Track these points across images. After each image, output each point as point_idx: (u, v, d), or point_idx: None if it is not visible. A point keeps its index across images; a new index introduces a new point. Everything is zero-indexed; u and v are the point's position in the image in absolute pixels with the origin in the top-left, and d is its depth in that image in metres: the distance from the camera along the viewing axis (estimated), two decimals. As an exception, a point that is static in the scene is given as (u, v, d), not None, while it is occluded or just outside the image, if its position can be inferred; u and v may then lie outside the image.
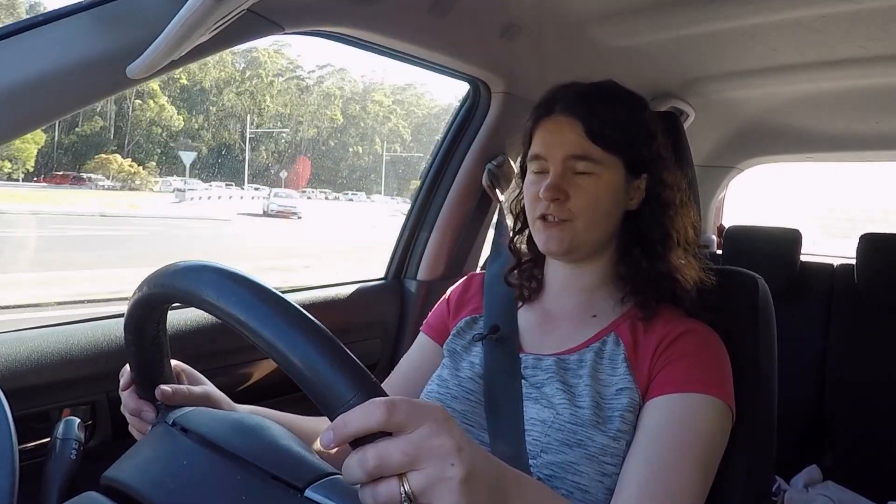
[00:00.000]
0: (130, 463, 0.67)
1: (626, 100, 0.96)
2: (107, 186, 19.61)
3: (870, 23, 1.34)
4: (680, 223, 0.96)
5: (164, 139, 22.14)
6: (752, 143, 2.50)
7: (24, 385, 0.98)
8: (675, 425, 0.81)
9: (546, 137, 0.95)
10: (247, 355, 1.31)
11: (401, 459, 0.47)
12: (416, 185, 1.80)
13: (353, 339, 1.56)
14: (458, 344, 1.03)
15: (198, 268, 0.61)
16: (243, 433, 0.67)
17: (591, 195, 0.91)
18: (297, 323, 0.53)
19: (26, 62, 0.76)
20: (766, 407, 0.94)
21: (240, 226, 16.58)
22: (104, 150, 20.06)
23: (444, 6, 1.21)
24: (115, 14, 0.81)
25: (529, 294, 1.03)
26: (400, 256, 1.73)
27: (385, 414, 0.47)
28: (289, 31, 1.04)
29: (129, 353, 0.76)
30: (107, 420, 1.08)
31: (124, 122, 21.40)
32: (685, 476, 0.77)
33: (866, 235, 1.99)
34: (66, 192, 18.11)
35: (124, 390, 0.83)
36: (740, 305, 0.98)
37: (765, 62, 1.67)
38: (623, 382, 0.86)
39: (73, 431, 0.73)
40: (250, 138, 26.41)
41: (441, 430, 0.49)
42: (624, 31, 1.46)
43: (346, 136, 30.27)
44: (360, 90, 32.55)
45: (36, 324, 1.10)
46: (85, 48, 0.79)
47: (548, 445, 0.83)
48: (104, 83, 0.82)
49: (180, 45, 0.78)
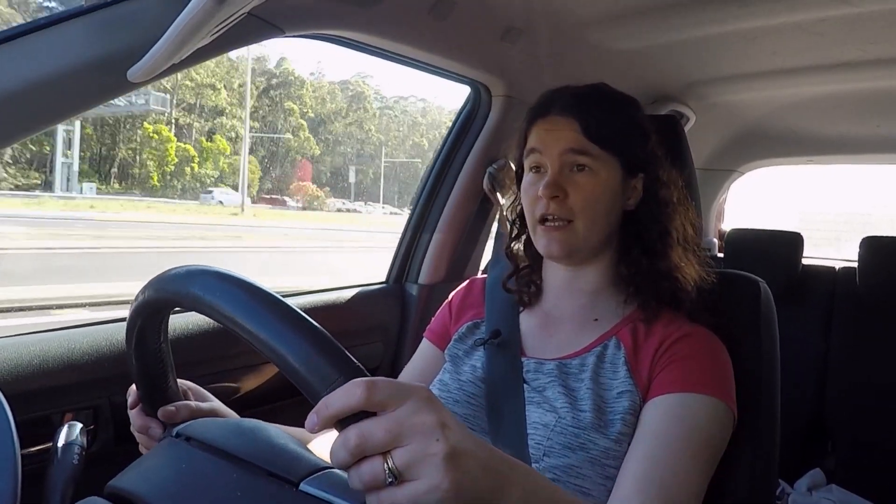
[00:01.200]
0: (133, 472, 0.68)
1: (620, 101, 0.98)
2: (297, 207, 23.68)
3: (869, 26, 1.35)
4: (678, 221, 0.96)
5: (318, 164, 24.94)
6: (752, 146, 2.50)
7: (26, 390, 0.98)
8: (674, 422, 0.81)
9: (543, 135, 0.95)
10: (246, 360, 1.30)
11: (384, 437, 0.46)
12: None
13: (355, 342, 1.56)
14: (460, 349, 1.03)
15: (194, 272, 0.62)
16: (241, 434, 0.68)
17: (589, 193, 0.91)
18: (279, 313, 0.53)
19: (28, 66, 0.76)
20: (768, 410, 0.94)
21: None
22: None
23: (444, 9, 1.21)
24: (116, 17, 0.81)
25: (529, 299, 1.03)
26: (401, 260, 1.73)
27: (366, 392, 0.47)
28: (289, 35, 1.04)
29: (131, 368, 0.77)
30: (109, 425, 1.07)
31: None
32: (682, 471, 0.77)
33: (868, 238, 1.99)
34: (278, 211, 22.66)
35: (132, 409, 0.83)
36: (742, 309, 0.98)
37: (765, 65, 1.67)
38: (624, 386, 0.86)
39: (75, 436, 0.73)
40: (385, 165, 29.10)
41: (424, 407, 0.48)
42: (624, 34, 1.46)
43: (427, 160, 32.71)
44: (437, 118, 34.14)
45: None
46: (86, 52, 0.79)
47: (550, 449, 0.83)
48: (105, 86, 0.82)
49: (181, 49, 0.78)
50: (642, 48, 1.55)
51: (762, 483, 0.92)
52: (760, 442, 0.92)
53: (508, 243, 1.08)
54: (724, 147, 2.49)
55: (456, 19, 1.25)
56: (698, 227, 1.00)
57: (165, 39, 0.77)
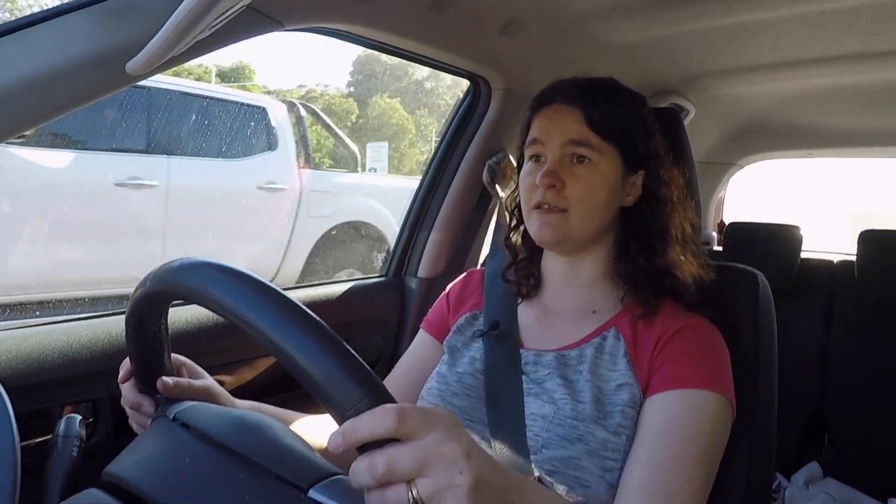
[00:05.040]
0: (132, 458, 0.67)
1: (626, 96, 0.97)
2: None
3: (870, 18, 1.34)
4: (677, 220, 0.96)
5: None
6: (752, 139, 2.50)
7: (25, 382, 0.98)
8: (677, 423, 0.81)
9: (545, 124, 0.95)
10: (246, 353, 1.30)
11: (410, 466, 0.48)
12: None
13: (354, 336, 1.56)
14: (458, 340, 1.03)
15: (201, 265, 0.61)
16: (246, 431, 0.67)
17: (587, 185, 0.91)
18: (307, 325, 0.53)
19: (25, 60, 0.76)
20: (766, 403, 0.94)
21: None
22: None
23: (443, 2, 1.21)
24: (115, 10, 0.81)
25: (528, 291, 1.03)
26: (400, 254, 1.73)
27: (396, 421, 0.48)
28: (288, 28, 1.04)
29: (129, 346, 0.76)
30: (108, 417, 1.08)
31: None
32: (688, 474, 0.78)
33: (866, 232, 1.99)
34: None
35: (123, 382, 0.83)
36: (741, 302, 0.98)
37: (765, 58, 1.67)
38: (623, 378, 0.86)
39: (74, 429, 0.73)
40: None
41: (450, 437, 0.50)
42: (624, 27, 1.46)
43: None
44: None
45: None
46: (84, 45, 0.79)
47: (549, 441, 0.83)
48: (104, 80, 0.82)
49: (179, 42, 0.78)
50: (642, 41, 1.54)
51: (759, 476, 0.92)
52: (758, 435, 0.92)
53: (507, 233, 1.08)
54: (724, 140, 2.49)
55: (455, 12, 1.24)
56: (697, 225, 0.99)
57: (164, 32, 0.76)
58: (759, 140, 2.52)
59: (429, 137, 21.17)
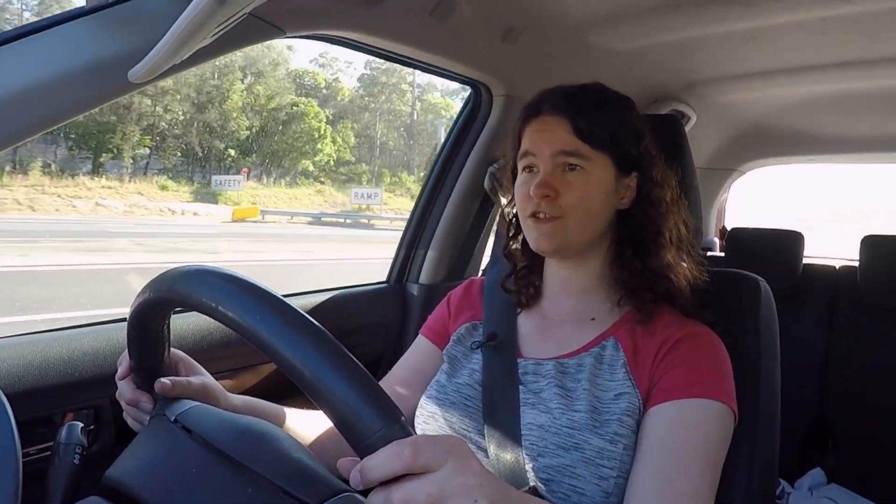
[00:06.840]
0: (134, 463, 0.67)
1: (613, 100, 0.97)
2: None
3: (870, 25, 1.35)
4: (671, 221, 0.95)
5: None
6: (753, 145, 2.50)
7: (27, 389, 0.98)
8: (680, 433, 0.80)
9: (535, 136, 0.95)
10: (246, 360, 1.30)
11: (425, 501, 0.49)
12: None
13: (356, 342, 1.56)
14: (459, 350, 1.03)
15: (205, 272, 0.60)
16: (253, 442, 0.66)
17: (581, 192, 0.91)
18: (325, 348, 0.53)
19: (28, 67, 0.76)
20: (769, 409, 0.94)
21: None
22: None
23: (445, 10, 1.21)
24: (117, 18, 0.81)
25: (528, 300, 1.03)
26: (402, 260, 1.73)
27: (411, 457, 0.49)
28: (290, 35, 1.04)
29: (130, 346, 0.77)
30: (110, 425, 1.08)
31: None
32: (692, 485, 0.77)
33: (869, 237, 1.98)
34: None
35: (121, 379, 0.83)
36: (743, 308, 0.98)
37: (766, 65, 1.67)
38: (622, 388, 0.86)
39: (75, 436, 0.73)
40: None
41: (464, 469, 0.52)
42: (625, 34, 1.46)
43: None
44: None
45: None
46: (87, 53, 0.79)
47: (545, 449, 0.83)
48: (106, 88, 0.82)
49: (181, 50, 0.78)
50: (643, 48, 1.54)
51: (762, 482, 0.92)
52: (761, 441, 0.92)
53: (506, 243, 1.08)
54: (725, 146, 2.49)
55: (457, 20, 1.24)
56: (692, 226, 0.99)
57: (166, 40, 0.77)
58: (760, 146, 2.52)
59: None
